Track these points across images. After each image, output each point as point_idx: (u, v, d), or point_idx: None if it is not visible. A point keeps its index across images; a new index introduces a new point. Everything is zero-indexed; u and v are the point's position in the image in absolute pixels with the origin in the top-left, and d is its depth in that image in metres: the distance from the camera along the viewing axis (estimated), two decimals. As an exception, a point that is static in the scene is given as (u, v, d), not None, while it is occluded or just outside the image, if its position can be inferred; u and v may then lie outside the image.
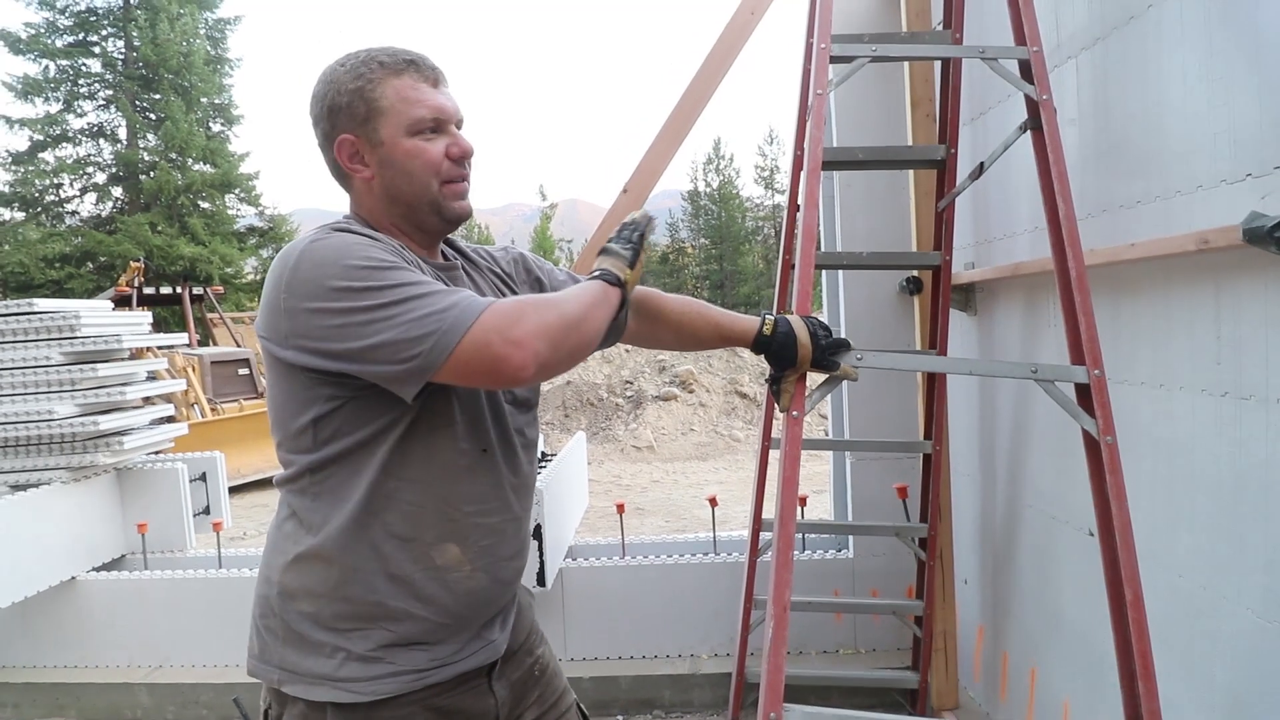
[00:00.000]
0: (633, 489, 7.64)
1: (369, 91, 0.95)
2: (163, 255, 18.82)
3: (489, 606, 1.01)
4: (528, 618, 1.13)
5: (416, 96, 0.95)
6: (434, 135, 0.97)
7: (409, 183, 0.97)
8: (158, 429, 3.15)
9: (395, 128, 0.95)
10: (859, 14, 2.69)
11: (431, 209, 0.98)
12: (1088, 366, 1.32)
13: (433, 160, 0.96)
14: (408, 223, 1.00)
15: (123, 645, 2.83)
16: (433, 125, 0.96)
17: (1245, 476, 1.31)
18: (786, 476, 1.22)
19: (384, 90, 0.95)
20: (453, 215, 1.00)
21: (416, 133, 0.96)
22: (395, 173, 0.97)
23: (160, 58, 19.55)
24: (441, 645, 0.96)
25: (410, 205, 0.98)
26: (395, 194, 0.98)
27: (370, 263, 0.86)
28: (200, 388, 8.15)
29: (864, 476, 2.78)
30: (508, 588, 1.03)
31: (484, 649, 1.00)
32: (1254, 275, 1.27)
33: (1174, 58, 1.43)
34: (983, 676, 2.41)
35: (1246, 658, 1.31)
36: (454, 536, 0.95)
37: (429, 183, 0.97)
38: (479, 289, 1.06)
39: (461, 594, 0.96)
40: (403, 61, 0.96)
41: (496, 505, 0.99)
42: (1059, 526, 1.92)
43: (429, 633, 0.95)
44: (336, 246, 0.88)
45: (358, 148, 0.97)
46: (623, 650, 2.77)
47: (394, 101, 0.95)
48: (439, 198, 0.98)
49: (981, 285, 2.30)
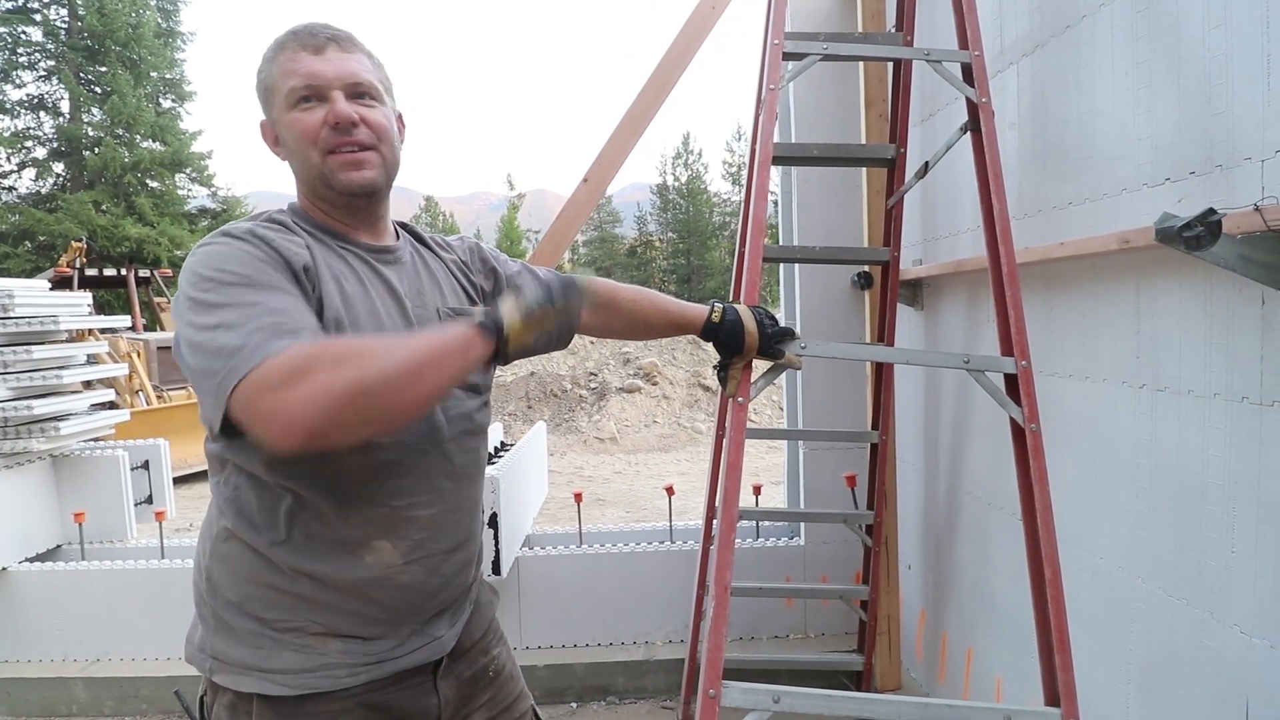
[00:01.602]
0: (595, 480, 7.66)
1: (264, 72, 0.94)
2: (107, 236, 18.06)
3: (430, 601, 0.97)
4: (486, 615, 1.10)
5: (292, 67, 0.92)
6: (314, 104, 0.92)
7: (295, 158, 0.95)
8: (97, 415, 3.05)
9: (281, 104, 0.93)
10: (818, 14, 2.74)
11: (321, 181, 0.94)
12: (1016, 358, 1.38)
13: (307, 130, 0.91)
14: (317, 198, 0.97)
15: (58, 639, 2.73)
16: (305, 94, 0.91)
17: (1159, 464, 1.39)
18: (731, 461, 1.26)
19: (273, 68, 0.93)
20: (341, 186, 0.93)
21: (294, 104, 0.92)
22: (288, 150, 0.95)
23: (107, 28, 18.69)
24: (378, 640, 0.93)
25: (305, 180, 0.96)
26: (295, 170, 0.96)
27: (215, 275, 0.81)
28: (145, 373, 7.87)
29: (816, 466, 2.85)
30: (450, 582, 0.99)
31: (428, 645, 0.97)
32: (1169, 274, 1.35)
33: (1104, 67, 1.50)
34: (924, 657, 2.50)
35: (1157, 632, 1.40)
36: (383, 532, 0.91)
37: (309, 154, 0.93)
38: (430, 274, 1.03)
39: (395, 589, 0.92)
40: (287, 34, 0.94)
41: (430, 497, 0.94)
42: (994, 512, 2.01)
43: (362, 627, 0.92)
44: (204, 254, 0.85)
45: (272, 133, 0.97)
46: (578, 638, 2.79)
47: (278, 78, 0.93)
48: (324, 169, 0.93)
49: (928, 281, 2.38)
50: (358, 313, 0.91)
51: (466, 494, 1.01)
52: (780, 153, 2.09)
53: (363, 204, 0.97)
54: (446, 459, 0.97)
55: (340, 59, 0.93)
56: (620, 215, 32.07)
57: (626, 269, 28.88)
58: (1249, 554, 1.20)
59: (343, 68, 0.93)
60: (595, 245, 30.41)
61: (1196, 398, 1.30)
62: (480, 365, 0.85)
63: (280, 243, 0.87)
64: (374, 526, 0.91)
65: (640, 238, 29.83)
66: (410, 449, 0.93)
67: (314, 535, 0.90)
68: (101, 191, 19.01)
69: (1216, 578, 1.26)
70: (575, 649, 2.78)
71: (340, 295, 0.90)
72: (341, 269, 0.93)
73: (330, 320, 0.88)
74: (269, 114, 0.96)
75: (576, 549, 2.85)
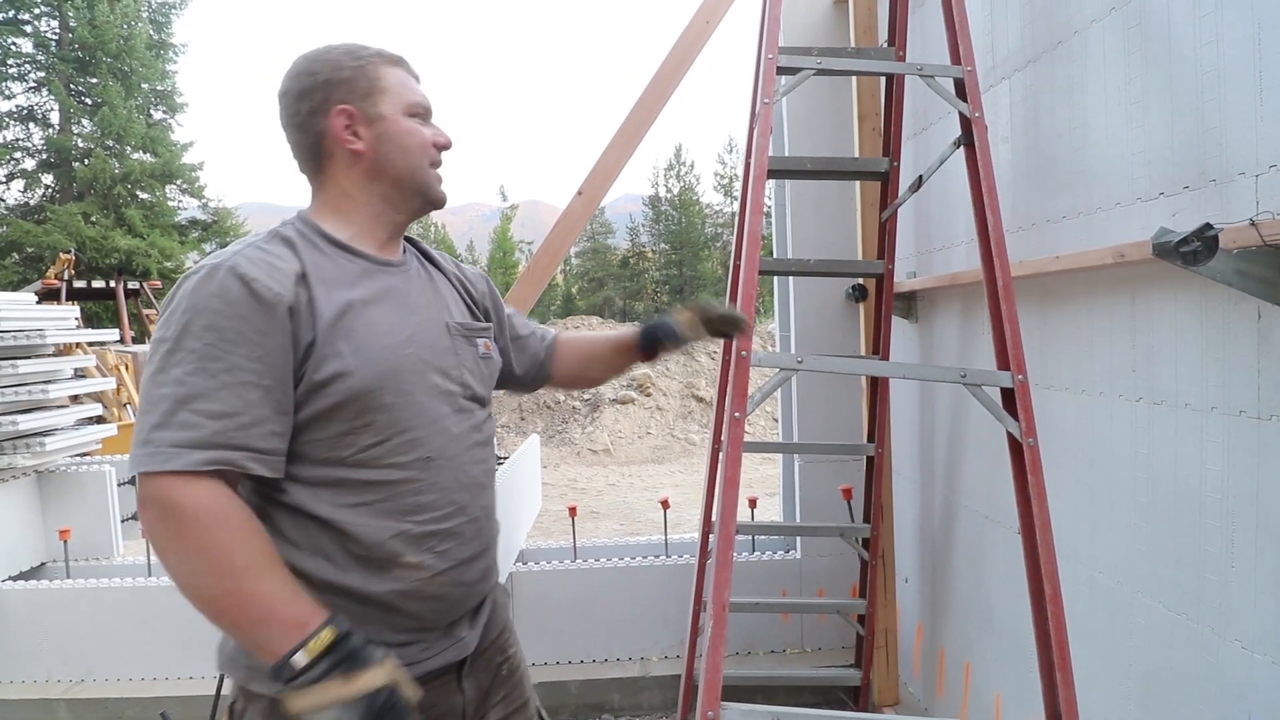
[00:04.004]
0: (588, 492, 7.62)
1: (371, 70, 1.01)
2: (96, 247, 17.93)
3: (456, 608, 1.01)
4: (501, 616, 1.13)
5: (410, 85, 1.04)
6: (425, 123, 1.05)
7: (404, 158, 1.02)
8: (84, 429, 3.00)
9: (395, 106, 1.01)
10: (811, 29, 2.76)
11: (419, 188, 1.04)
12: (1012, 372, 1.38)
13: (426, 141, 1.03)
14: (385, 203, 1.02)
15: (41, 659, 2.67)
16: (424, 113, 1.05)
17: (1157, 478, 1.39)
18: (728, 476, 1.24)
19: (385, 73, 1.02)
20: (435, 198, 1.06)
21: (412, 115, 1.03)
22: (392, 147, 1.01)
23: (98, 40, 18.67)
24: (408, 647, 0.96)
25: (397, 181, 1.02)
26: (385, 168, 1.01)
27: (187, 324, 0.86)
28: (134, 387, 7.78)
29: (812, 479, 2.84)
30: (473, 589, 1.03)
31: (453, 647, 1.01)
32: (1164, 288, 1.35)
33: (1096, 82, 1.52)
34: (921, 672, 2.48)
35: (1157, 647, 1.39)
36: (410, 548, 0.95)
37: (421, 161, 1.03)
38: (435, 288, 1.07)
39: (424, 600, 0.96)
40: (396, 56, 1.05)
41: (450, 510, 0.98)
42: (991, 526, 2.00)
43: (392, 635, 0.95)
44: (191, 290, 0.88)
45: (354, 119, 0.99)
46: (572, 655, 2.75)
47: (394, 84, 1.02)
48: (428, 179, 1.04)
49: (922, 293, 2.38)
50: (356, 326, 0.94)
51: (481, 503, 1.04)
52: (775, 166, 2.09)
53: (425, 213, 1.10)
54: (462, 471, 1.00)
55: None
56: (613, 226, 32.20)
57: (619, 280, 28.92)
58: (1248, 568, 1.19)
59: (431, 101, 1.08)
60: (588, 256, 30.49)
61: (1193, 411, 1.29)
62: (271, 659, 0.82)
63: (263, 286, 0.88)
64: (401, 543, 0.94)
65: (633, 249, 29.92)
66: (429, 467, 0.97)
67: (344, 553, 0.93)
68: (91, 203, 18.90)
69: (1216, 592, 1.25)
70: (569, 666, 2.74)
71: (346, 313, 0.94)
72: (348, 286, 0.96)
73: (327, 339, 0.91)
74: (367, 105, 1.00)
75: (571, 564, 2.82)
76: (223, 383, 0.84)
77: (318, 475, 0.92)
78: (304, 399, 0.90)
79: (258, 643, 0.82)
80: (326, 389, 0.90)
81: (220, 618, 0.83)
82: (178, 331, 0.85)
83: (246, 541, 0.83)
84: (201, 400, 0.83)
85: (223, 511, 0.82)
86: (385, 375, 0.93)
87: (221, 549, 0.81)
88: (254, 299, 0.87)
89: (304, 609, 0.83)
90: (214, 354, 0.84)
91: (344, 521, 0.92)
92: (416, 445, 0.95)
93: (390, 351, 0.94)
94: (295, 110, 0.99)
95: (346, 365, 0.91)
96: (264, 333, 0.87)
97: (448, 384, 1.00)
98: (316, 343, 0.90)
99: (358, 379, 0.91)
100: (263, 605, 0.81)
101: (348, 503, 0.92)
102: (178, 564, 0.82)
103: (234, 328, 0.85)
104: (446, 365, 1.01)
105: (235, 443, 0.84)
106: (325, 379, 0.90)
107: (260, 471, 0.87)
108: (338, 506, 0.92)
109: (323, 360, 0.90)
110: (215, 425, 0.83)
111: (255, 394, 0.86)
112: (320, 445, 0.91)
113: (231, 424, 0.84)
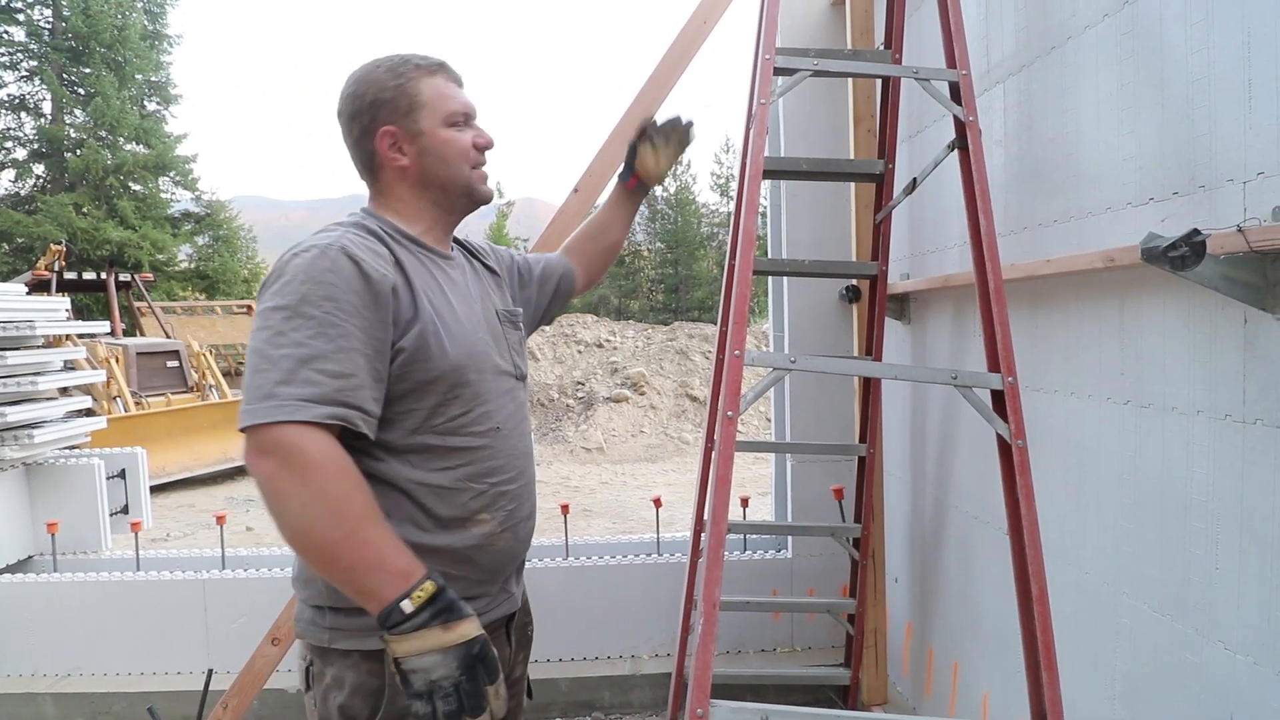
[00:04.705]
0: (581, 490, 7.62)
1: (409, 88, 1.09)
2: (87, 238, 17.80)
3: (514, 562, 1.15)
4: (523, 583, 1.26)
5: (450, 93, 1.12)
6: (463, 128, 1.12)
7: (445, 168, 1.11)
8: (73, 422, 2.99)
9: (433, 119, 1.10)
10: (808, 30, 2.77)
11: (464, 191, 1.13)
12: (1002, 374, 1.39)
13: (465, 148, 1.12)
14: (437, 207, 1.13)
15: (27, 652, 2.66)
16: (463, 119, 1.12)
17: (1144, 480, 1.40)
18: (720, 475, 1.25)
19: (422, 87, 1.10)
20: (481, 197, 1.15)
21: (451, 125, 1.11)
22: (433, 159, 1.10)
23: (92, 30, 18.50)
24: (477, 600, 1.06)
25: (444, 188, 1.12)
26: (431, 179, 1.11)
27: (307, 294, 0.94)
28: (124, 380, 7.74)
29: (804, 479, 2.85)
30: (526, 544, 1.17)
31: (507, 600, 1.14)
32: (1153, 292, 1.37)
33: (1089, 88, 1.53)
34: (910, 671, 2.50)
35: (1142, 648, 1.41)
36: (485, 508, 1.07)
37: (462, 167, 1.12)
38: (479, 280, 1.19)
39: (494, 554, 1.09)
40: (435, 64, 1.13)
41: (513, 474, 1.11)
42: (980, 526, 2.01)
43: (465, 588, 1.04)
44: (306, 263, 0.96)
45: (397, 138, 1.10)
46: (562, 652, 2.76)
47: (431, 97, 1.10)
48: (470, 181, 1.13)
49: (915, 295, 2.39)
50: (443, 310, 1.06)
51: (531, 469, 1.18)
52: (770, 166, 2.10)
53: (471, 212, 1.17)
54: (520, 439, 1.14)
55: (469, 95, 1.15)
56: (609, 225, 32.17)
57: (615, 278, 28.92)
58: (1232, 571, 1.21)
59: (473, 102, 1.15)
60: (584, 254, 30.45)
61: (1180, 414, 1.31)
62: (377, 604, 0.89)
63: (371, 267, 0.98)
64: (479, 502, 1.07)
65: (629, 247, 29.95)
66: (498, 436, 1.09)
67: (428, 515, 1.03)
68: (83, 194, 18.75)
69: (1201, 594, 1.27)
70: (559, 664, 2.74)
71: (431, 298, 1.05)
72: (427, 275, 1.08)
73: (426, 319, 1.02)
74: (407, 124, 1.09)
75: (563, 561, 2.83)
76: (340, 347, 0.93)
77: (410, 443, 1.02)
78: (404, 372, 1.00)
79: (367, 588, 0.88)
80: (426, 364, 1.00)
81: (334, 562, 0.88)
82: (296, 300, 0.93)
83: (363, 490, 0.90)
84: (323, 360, 0.91)
85: (343, 462, 0.90)
86: (469, 355, 1.05)
87: (343, 495, 0.88)
88: (363, 278, 0.97)
89: (409, 560, 0.90)
90: (332, 320, 0.93)
91: (431, 482, 1.03)
92: (490, 417, 1.08)
93: (471, 334, 1.07)
94: (349, 131, 1.11)
95: (443, 345, 1.02)
96: (371, 308, 0.96)
97: (505, 364, 1.13)
98: (417, 321, 1.00)
99: (451, 358, 1.02)
100: (376, 551, 0.88)
101: (435, 466, 1.03)
102: (300, 509, 0.87)
103: (349, 300, 0.95)
104: (502, 348, 1.14)
105: (351, 401, 0.93)
106: (424, 355, 1.00)
107: (364, 430, 0.95)
108: (427, 470, 1.03)
109: (423, 338, 1.00)
110: (336, 383, 0.91)
111: (362, 360, 0.95)
112: (416, 415, 1.02)
113: (348, 384, 0.92)
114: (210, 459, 7.82)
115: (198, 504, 7.11)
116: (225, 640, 2.64)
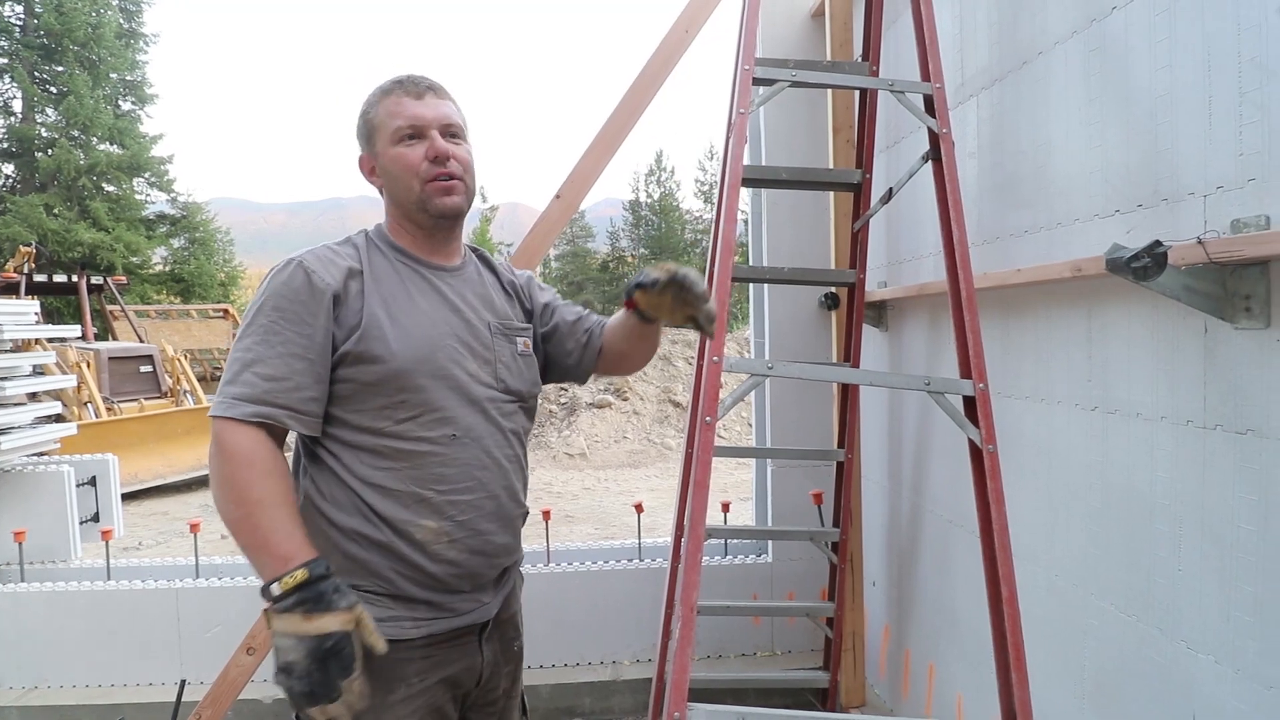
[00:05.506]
0: (564, 496, 7.59)
1: (368, 114, 1.15)
2: (59, 240, 17.42)
3: (477, 575, 1.13)
4: (518, 598, 1.26)
5: (397, 110, 1.12)
6: (415, 141, 1.12)
7: (397, 186, 1.14)
8: (41, 428, 2.92)
9: (385, 140, 1.13)
10: (789, 41, 2.81)
11: (418, 207, 1.13)
12: (974, 380, 1.42)
13: (411, 163, 1.12)
14: (410, 222, 1.16)
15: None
16: (410, 133, 1.12)
17: (1111, 484, 1.44)
18: (698, 480, 1.26)
19: (377, 110, 1.14)
20: (435, 209, 1.13)
21: (398, 141, 1.12)
22: (389, 179, 1.15)
23: (65, 27, 18.16)
24: (433, 606, 1.09)
25: (403, 206, 1.15)
26: (393, 197, 1.16)
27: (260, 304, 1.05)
28: (95, 385, 7.57)
29: (784, 484, 2.87)
30: (493, 560, 1.14)
31: (476, 610, 1.14)
32: (1119, 302, 1.41)
33: (1058, 102, 1.57)
34: (888, 673, 2.53)
35: (1110, 648, 1.44)
36: (431, 514, 1.08)
37: (410, 183, 1.12)
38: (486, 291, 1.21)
39: (443, 562, 1.09)
40: (391, 82, 1.15)
41: (469, 484, 1.10)
42: (955, 530, 2.05)
43: (417, 591, 1.08)
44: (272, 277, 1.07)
45: (369, 164, 1.17)
46: (543, 659, 2.75)
47: (383, 118, 1.13)
48: (422, 195, 1.12)
49: (892, 303, 2.43)
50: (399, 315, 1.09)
51: (503, 483, 1.15)
52: (750, 175, 2.12)
53: (446, 225, 1.16)
54: (485, 452, 1.12)
55: (436, 104, 1.14)
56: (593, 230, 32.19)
57: (599, 284, 28.92)
58: (1194, 572, 1.24)
59: (439, 111, 1.13)
60: (568, 260, 30.44)
61: (1144, 420, 1.35)
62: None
63: (319, 277, 1.06)
64: (423, 507, 1.08)
65: (613, 253, 29.97)
66: (454, 444, 1.10)
67: (375, 512, 1.07)
68: (54, 194, 18.35)
69: (1164, 595, 1.31)
70: (540, 670, 2.73)
71: (387, 303, 1.09)
72: (396, 283, 1.12)
73: (370, 324, 1.07)
74: (370, 149, 1.16)
75: (544, 567, 2.82)
76: (278, 353, 1.02)
77: (358, 441, 1.07)
78: (349, 373, 1.06)
79: (255, 566, 0.98)
80: (370, 366, 1.05)
81: (236, 539, 0.99)
82: (255, 310, 1.05)
83: (264, 481, 0.98)
84: (259, 365, 1.02)
85: (253, 454, 0.99)
86: (421, 360, 1.07)
87: (243, 483, 0.98)
88: (310, 288, 1.05)
89: (292, 547, 0.97)
90: (275, 329, 1.03)
91: (376, 482, 1.06)
92: (445, 423, 1.09)
93: (429, 341, 1.09)
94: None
95: (389, 349, 1.06)
96: (315, 314, 1.05)
97: (483, 374, 1.13)
98: (362, 325, 1.06)
99: (397, 361, 1.06)
100: (262, 536, 0.97)
101: (380, 466, 1.07)
102: (216, 490, 1.00)
103: (294, 310, 1.04)
104: (483, 358, 1.14)
105: (279, 402, 1.02)
106: (369, 357, 1.05)
107: (297, 428, 1.04)
108: (373, 469, 1.07)
109: (368, 341, 1.05)
110: (266, 386, 1.01)
111: (301, 365, 1.03)
112: (364, 415, 1.07)
113: (278, 386, 1.01)
114: (184, 466, 7.67)
115: (171, 511, 6.97)
116: (199, 650, 2.60)
